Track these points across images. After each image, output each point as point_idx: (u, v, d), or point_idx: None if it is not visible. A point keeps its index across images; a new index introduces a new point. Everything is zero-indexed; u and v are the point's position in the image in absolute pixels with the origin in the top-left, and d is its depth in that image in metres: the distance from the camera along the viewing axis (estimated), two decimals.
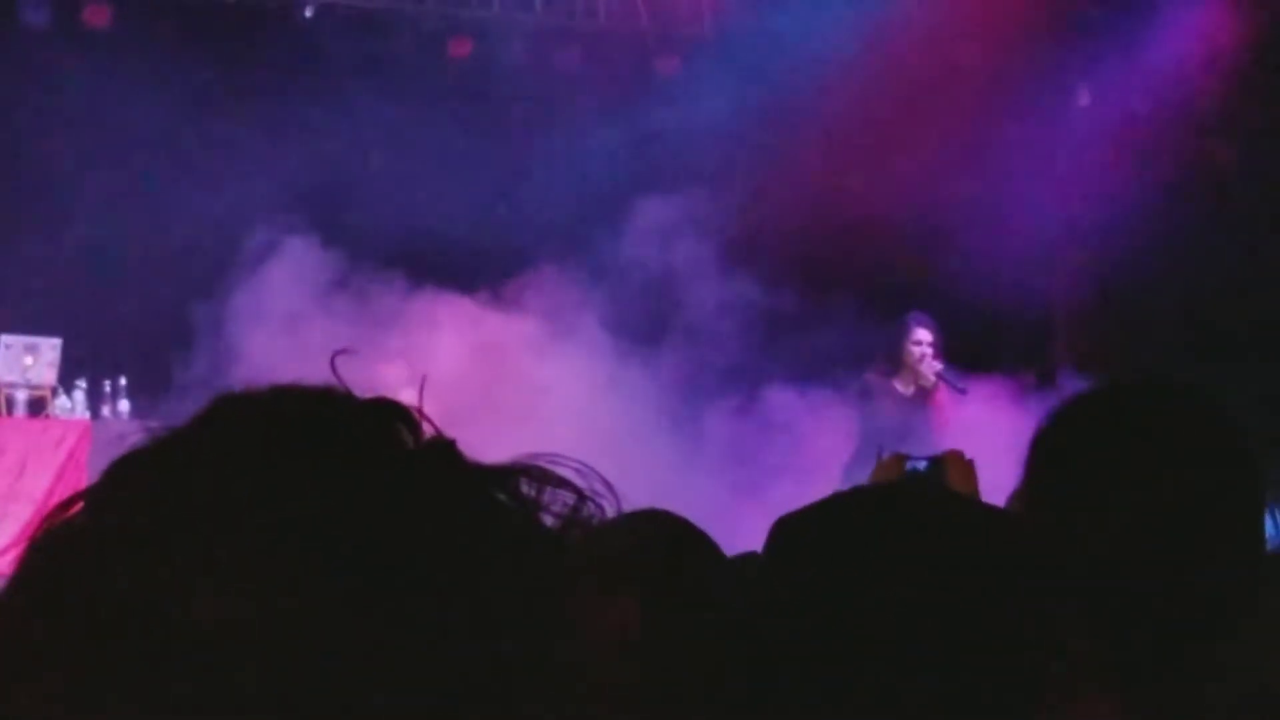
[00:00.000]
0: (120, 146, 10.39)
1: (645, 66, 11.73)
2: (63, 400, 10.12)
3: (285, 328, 9.30)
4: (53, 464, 9.38)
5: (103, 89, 10.20)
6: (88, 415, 10.10)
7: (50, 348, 10.08)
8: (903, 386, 9.95)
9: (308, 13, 11.36)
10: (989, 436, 9.10)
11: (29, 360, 10.03)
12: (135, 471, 0.87)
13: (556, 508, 0.89)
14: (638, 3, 11.74)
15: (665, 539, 2.11)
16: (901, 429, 9.18)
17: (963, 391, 9.79)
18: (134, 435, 0.89)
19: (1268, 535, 2.10)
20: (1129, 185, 10.49)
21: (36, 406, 10.01)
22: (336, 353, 0.90)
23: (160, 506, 0.84)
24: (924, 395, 9.94)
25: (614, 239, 10.52)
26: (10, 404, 9.94)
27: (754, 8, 11.25)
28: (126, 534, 0.83)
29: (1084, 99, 11.40)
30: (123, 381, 10.26)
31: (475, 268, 10.31)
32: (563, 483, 0.90)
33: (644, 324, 10.35)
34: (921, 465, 4.27)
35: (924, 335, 9.99)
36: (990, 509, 1.62)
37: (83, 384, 10.19)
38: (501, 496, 0.88)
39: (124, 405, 10.21)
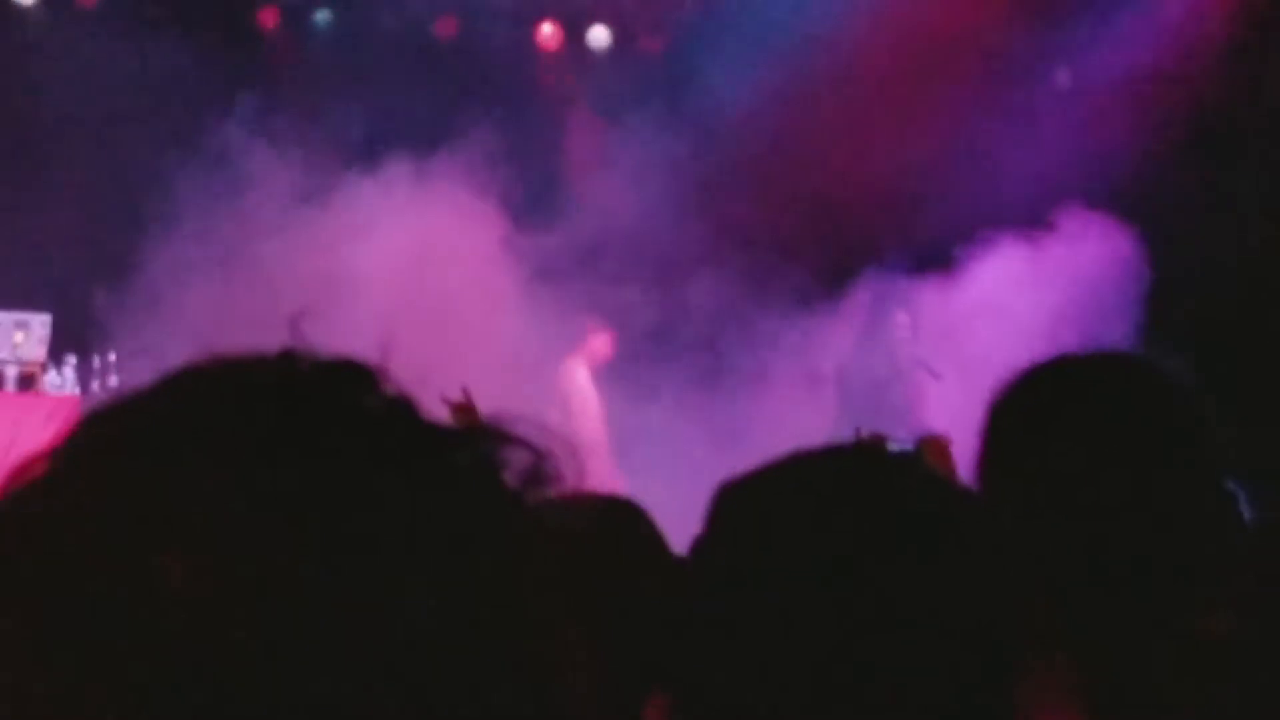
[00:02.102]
0: (109, 123, 10.36)
1: (630, 45, 11.73)
2: (53, 376, 10.11)
3: (275, 292, 9.30)
4: (42, 440, 9.34)
5: (92, 66, 10.19)
6: (78, 391, 10.09)
7: (40, 324, 10.07)
8: (879, 369, 9.92)
9: None
10: None
11: (19, 336, 10.02)
12: (100, 434, 0.87)
13: (517, 467, 0.88)
14: None
15: (607, 528, 2.09)
16: (878, 411, 9.17)
17: (939, 376, 9.72)
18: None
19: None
20: (1114, 154, 10.45)
21: (27, 382, 10.00)
22: (297, 314, 0.89)
23: (122, 469, 0.84)
24: (900, 378, 9.91)
25: (590, 205, 10.54)
26: (0, 380, 9.95)
27: None
28: (88, 496, 0.83)
29: (1064, 73, 11.38)
30: (112, 357, 10.25)
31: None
32: (522, 443, 0.88)
33: (636, 306, 10.36)
34: (909, 448, 4.26)
35: (902, 318, 9.98)
36: (946, 481, 1.55)
37: (73, 360, 10.17)
38: (461, 456, 0.87)
39: (114, 380, 10.19)
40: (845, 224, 10.48)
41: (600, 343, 9.99)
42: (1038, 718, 1.71)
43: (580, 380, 9.90)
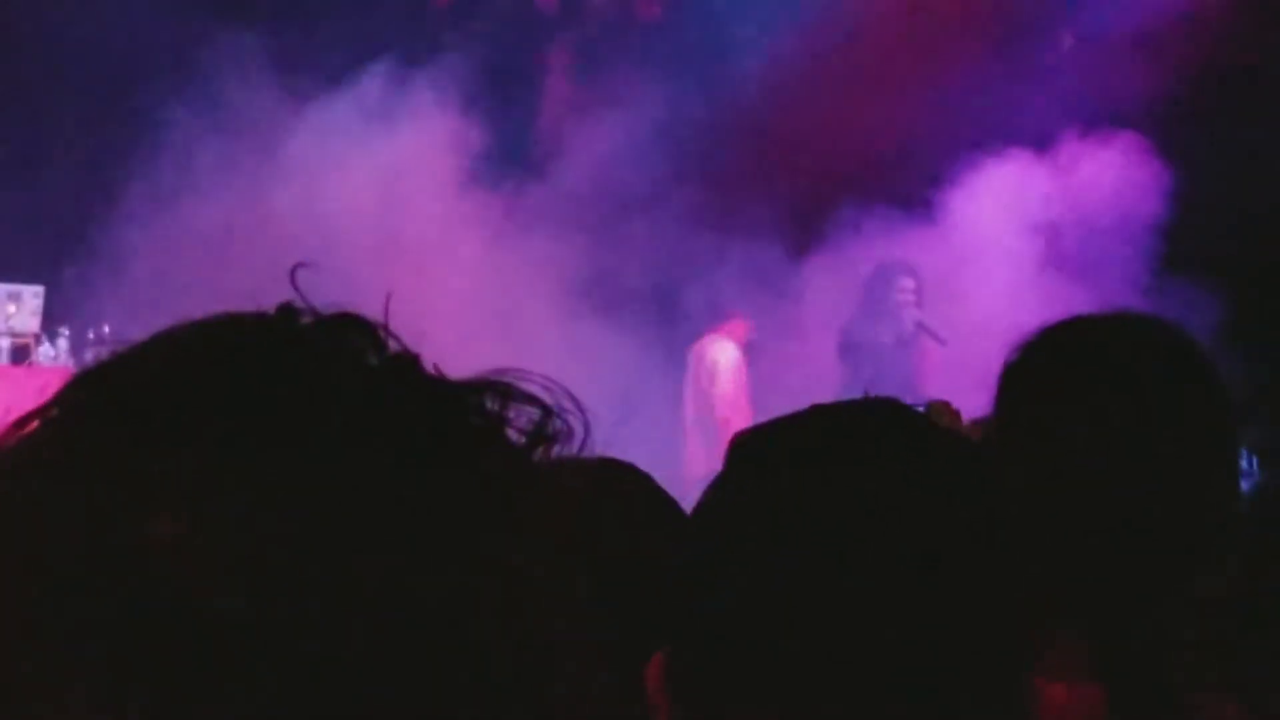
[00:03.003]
0: (99, 87, 10.30)
1: (626, 11, 11.71)
2: (46, 348, 10.10)
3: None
4: None
5: (82, 30, 10.12)
6: (72, 363, 10.07)
7: (33, 295, 10.06)
8: (884, 335, 9.87)
9: None
10: None
11: (12, 308, 10.01)
12: (90, 394, 0.86)
13: (522, 423, 0.87)
14: None
15: (613, 489, 2.07)
16: (884, 378, 9.13)
17: (944, 342, 9.66)
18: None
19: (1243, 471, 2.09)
20: (1123, 107, 10.40)
21: (20, 354, 10.00)
22: (296, 266, 0.87)
23: (112, 426, 0.82)
24: (904, 344, 9.87)
25: (575, 159, 10.53)
26: None
27: None
28: (76, 453, 0.82)
29: (1071, 33, 11.32)
30: (106, 329, 10.22)
31: None
32: (529, 398, 0.88)
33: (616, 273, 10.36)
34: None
35: (908, 283, 9.90)
36: (962, 438, 1.54)
37: (66, 331, 10.16)
38: (466, 413, 0.86)
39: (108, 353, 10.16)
40: (840, 187, 10.45)
41: (742, 328, 10.04)
42: (1045, 684, 1.70)
43: (732, 356, 9.95)
